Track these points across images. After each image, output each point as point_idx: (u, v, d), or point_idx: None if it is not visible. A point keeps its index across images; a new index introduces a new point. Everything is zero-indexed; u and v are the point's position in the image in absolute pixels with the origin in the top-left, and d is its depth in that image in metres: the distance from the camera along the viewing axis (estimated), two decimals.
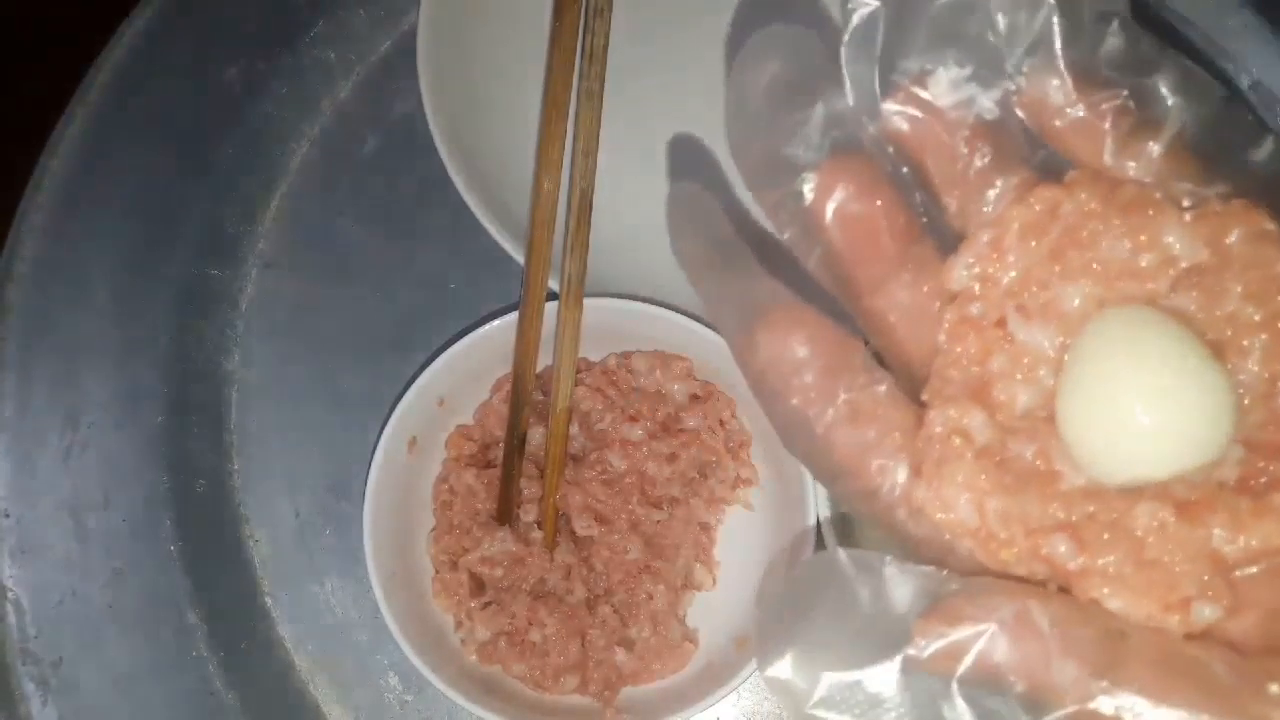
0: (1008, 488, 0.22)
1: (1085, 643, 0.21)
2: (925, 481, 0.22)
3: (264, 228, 0.46)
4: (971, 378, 0.23)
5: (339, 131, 0.47)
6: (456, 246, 0.45)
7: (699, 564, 0.41)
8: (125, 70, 0.46)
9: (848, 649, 0.21)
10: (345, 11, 0.48)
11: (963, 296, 0.23)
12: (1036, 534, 0.22)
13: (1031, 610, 0.21)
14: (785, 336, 0.23)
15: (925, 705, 0.21)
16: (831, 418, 0.23)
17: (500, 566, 0.40)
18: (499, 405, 0.42)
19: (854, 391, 0.23)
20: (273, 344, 0.45)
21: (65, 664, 0.42)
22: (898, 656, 0.21)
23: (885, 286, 0.23)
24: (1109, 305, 0.23)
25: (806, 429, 0.23)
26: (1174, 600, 0.21)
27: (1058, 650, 0.20)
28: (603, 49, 0.41)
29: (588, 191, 0.41)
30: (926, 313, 0.24)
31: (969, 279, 0.23)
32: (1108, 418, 0.22)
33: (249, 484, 0.44)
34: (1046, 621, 0.21)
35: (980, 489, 0.22)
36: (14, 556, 0.42)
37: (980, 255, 0.23)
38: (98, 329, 0.44)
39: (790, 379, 0.23)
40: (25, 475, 0.43)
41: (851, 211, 0.23)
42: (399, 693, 0.43)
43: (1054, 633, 0.21)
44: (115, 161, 0.46)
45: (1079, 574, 0.22)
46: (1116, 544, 0.22)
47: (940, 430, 0.23)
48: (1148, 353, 0.22)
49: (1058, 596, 0.22)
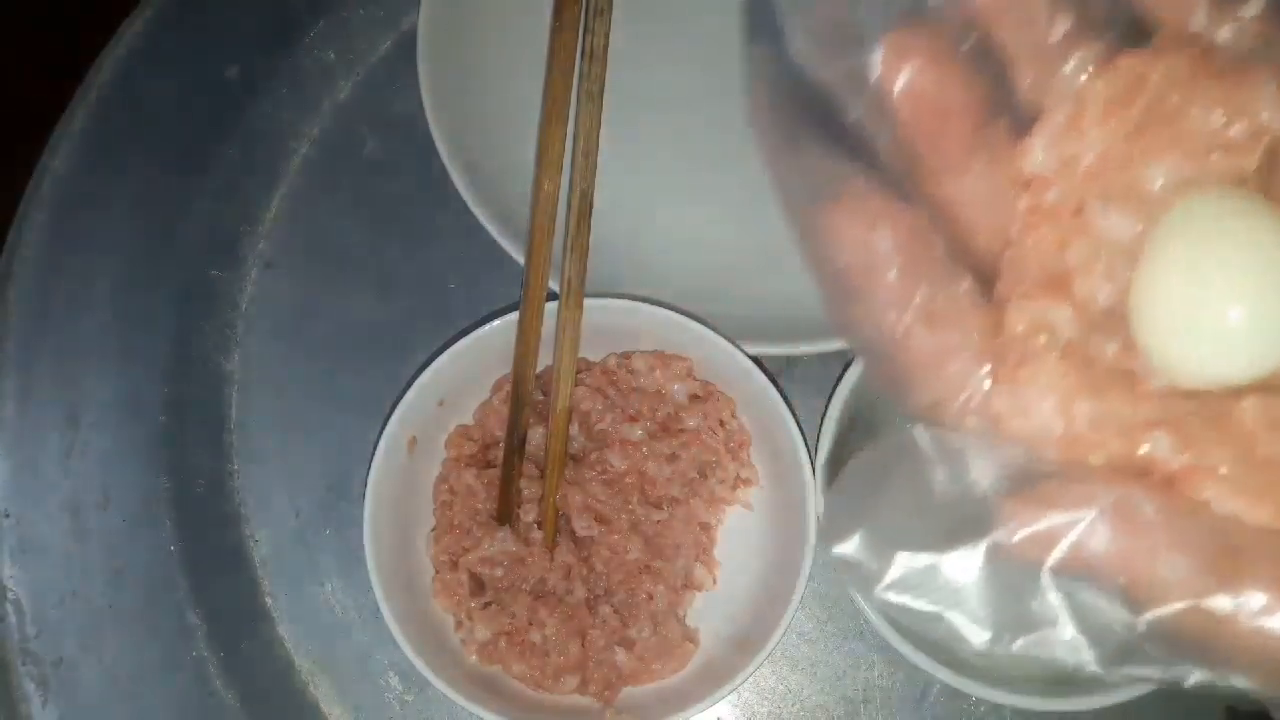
0: (1097, 387, 0.20)
1: (1197, 535, 0.19)
2: (1004, 385, 0.20)
3: (264, 228, 0.46)
4: (1048, 271, 0.21)
5: (339, 131, 0.47)
6: (456, 246, 0.45)
7: (699, 564, 0.41)
8: (125, 70, 0.46)
9: (925, 530, 0.19)
10: (345, 11, 0.48)
11: (1038, 183, 0.21)
12: (1134, 431, 0.20)
13: (1136, 498, 0.19)
14: (868, 228, 0.20)
15: (1010, 596, 0.19)
16: (910, 319, 0.20)
17: (500, 566, 0.40)
18: (499, 405, 0.42)
19: (935, 290, 0.20)
20: (273, 344, 0.45)
21: (65, 664, 0.42)
22: (981, 541, 0.19)
23: (957, 171, 0.21)
24: (1196, 186, 0.20)
25: (878, 329, 0.21)
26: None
27: (1165, 542, 0.18)
28: (603, 49, 0.41)
29: (588, 192, 0.41)
30: (1001, 201, 0.21)
31: (1045, 162, 0.21)
32: (1192, 314, 0.19)
33: (249, 484, 0.44)
34: (1153, 510, 0.19)
35: (1067, 390, 0.20)
36: (14, 556, 0.42)
37: (1057, 135, 0.21)
38: (98, 329, 0.44)
39: (871, 274, 0.20)
40: (25, 475, 0.43)
41: (921, 88, 0.20)
42: (399, 693, 0.43)
43: (1161, 523, 0.18)
44: (115, 161, 0.46)
45: (1185, 474, 0.19)
46: (1225, 442, 0.19)
47: (1022, 329, 0.20)
48: (1236, 240, 0.19)
49: (1164, 488, 0.19)
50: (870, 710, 0.42)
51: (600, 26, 0.41)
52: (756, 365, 0.39)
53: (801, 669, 0.43)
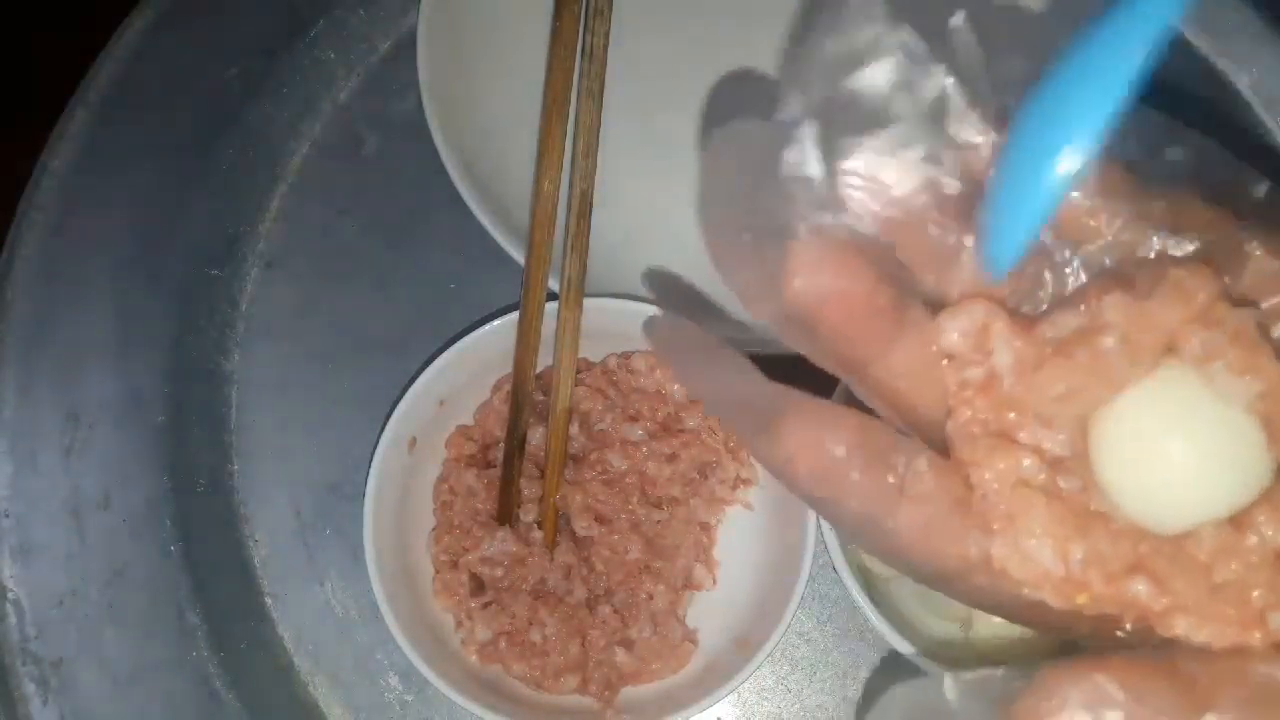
0: (1081, 527, 0.22)
1: (1164, 696, 0.21)
2: (1001, 539, 0.22)
3: (264, 228, 0.46)
4: (993, 430, 0.23)
5: (339, 131, 0.47)
6: (456, 246, 0.45)
7: (699, 564, 0.41)
8: (125, 70, 0.46)
9: None
10: (345, 11, 0.48)
11: (958, 359, 0.23)
12: (1116, 578, 0.22)
13: (1103, 685, 0.21)
14: (818, 441, 0.22)
15: None
16: (894, 508, 0.22)
17: (500, 566, 0.40)
18: (499, 405, 0.42)
19: (901, 475, 0.22)
20: (273, 344, 0.45)
21: (65, 664, 0.42)
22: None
23: (885, 357, 0.23)
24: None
25: (873, 526, 0.22)
26: (1249, 616, 0.21)
27: (1141, 716, 0.20)
28: (603, 49, 0.41)
29: (588, 191, 0.41)
30: (933, 372, 0.23)
31: (959, 341, 0.23)
32: (1155, 472, 0.22)
33: (249, 484, 0.44)
34: (1119, 692, 0.20)
35: (1061, 534, 0.22)
36: (14, 556, 0.42)
37: (965, 329, 0.23)
38: (98, 329, 0.44)
39: (838, 482, 0.22)
40: (25, 475, 0.43)
41: (836, 292, 0.22)
42: (399, 693, 0.43)
43: (1130, 698, 0.20)
44: (115, 161, 0.46)
45: (1162, 613, 0.22)
46: (1186, 575, 0.22)
47: (996, 485, 0.22)
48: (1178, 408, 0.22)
49: (1119, 661, 0.21)
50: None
51: (600, 26, 0.41)
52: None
53: (801, 669, 0.43)
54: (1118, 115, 0.19)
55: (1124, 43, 0.19)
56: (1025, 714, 0.21)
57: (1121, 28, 0.20)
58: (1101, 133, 0.20)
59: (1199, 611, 0.22)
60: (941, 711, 0.22)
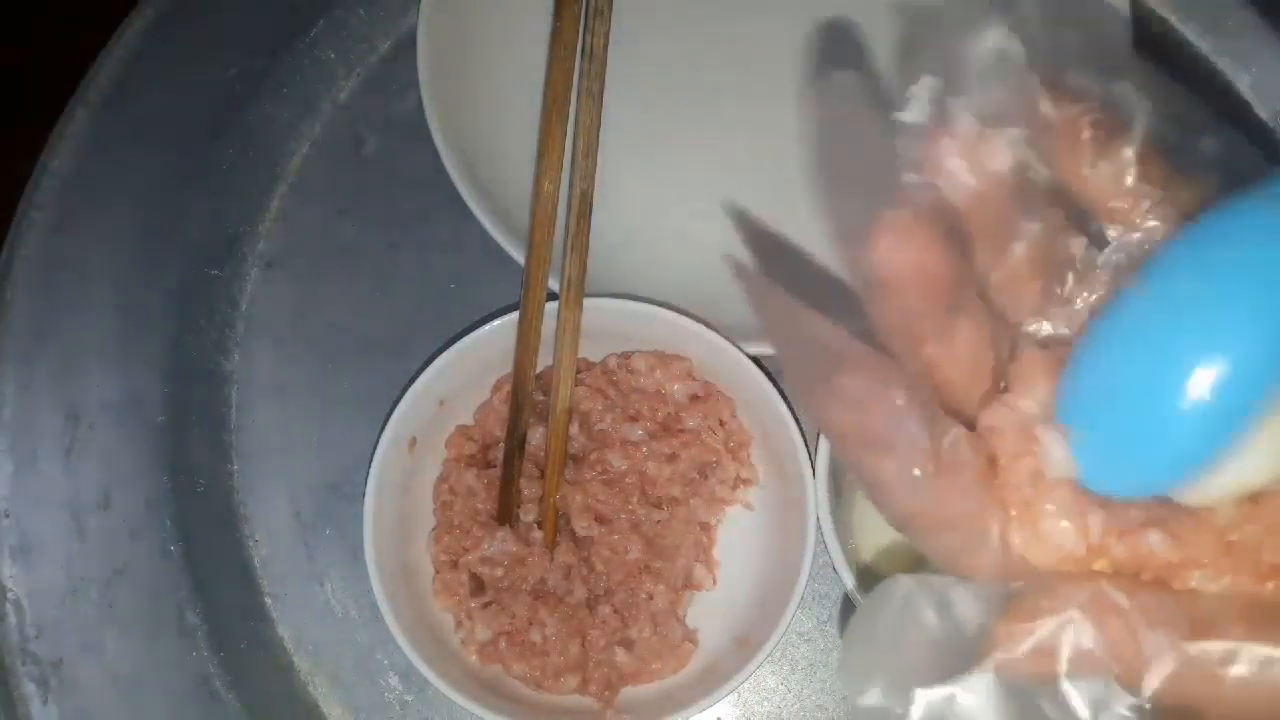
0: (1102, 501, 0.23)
1: (1169, 611, 0.21)
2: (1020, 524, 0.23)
3: (264, 228, 0.46)
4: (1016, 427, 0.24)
5: (339, 131, 0.47)
6: (456, 246, 0.45)
7: (699, 564, 0.41)
8: (125, 70, 0.46)
9: (935, 667, 0.22)
10: (345, 11, 0.48)
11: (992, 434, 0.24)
12: (1131, 534, 0.22)
13: (1107, 591, 0.21)
14: (882, 391, 0.22)
15: (1026, 707, 0.21)
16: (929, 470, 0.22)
17: (500, 566, 0.40)
18: (499, 405, 0.42)
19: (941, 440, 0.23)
20: (273, 344, 0.45)
21: (65, 664, 0.42)
22: (988, 663, 0.21)
23: (942, 336, 0.23)
24: None
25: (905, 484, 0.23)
26: (1264, 568, 0.22)
27: (1143, 622, 0.21)
28: (603, 49, 0.41)
29: (588, 192, 0.41)
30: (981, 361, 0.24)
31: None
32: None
33: (249, 484, 0.44)
34: (1124, 598, 0.21)
35: (1079, 510, 0.22)
36: (14, 556, 0.42)
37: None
38: (98, 329, 0.44)
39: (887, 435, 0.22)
40: (25, 475, 0.43)
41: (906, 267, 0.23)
42: (399, 693, 0.43)
43: (1135, 606, 0.21)
44: (115, 161, 0.46)
45: (1177, 565, 0.22)
46: (1201, 532, 0.22)
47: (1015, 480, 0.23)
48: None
49: (1126, 577, 0.22)
50: None
51: (600, 26, 0.41)
52: (756, 365, 0.39)
53: (801, 669, 0.43)
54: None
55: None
56: (1024, 611, 0.21)
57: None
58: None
59: (1214, 564, 0.22)
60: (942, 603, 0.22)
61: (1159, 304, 0.22)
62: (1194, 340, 0.21)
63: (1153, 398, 0.21)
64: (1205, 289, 0.21)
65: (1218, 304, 0.21)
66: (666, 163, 0.45)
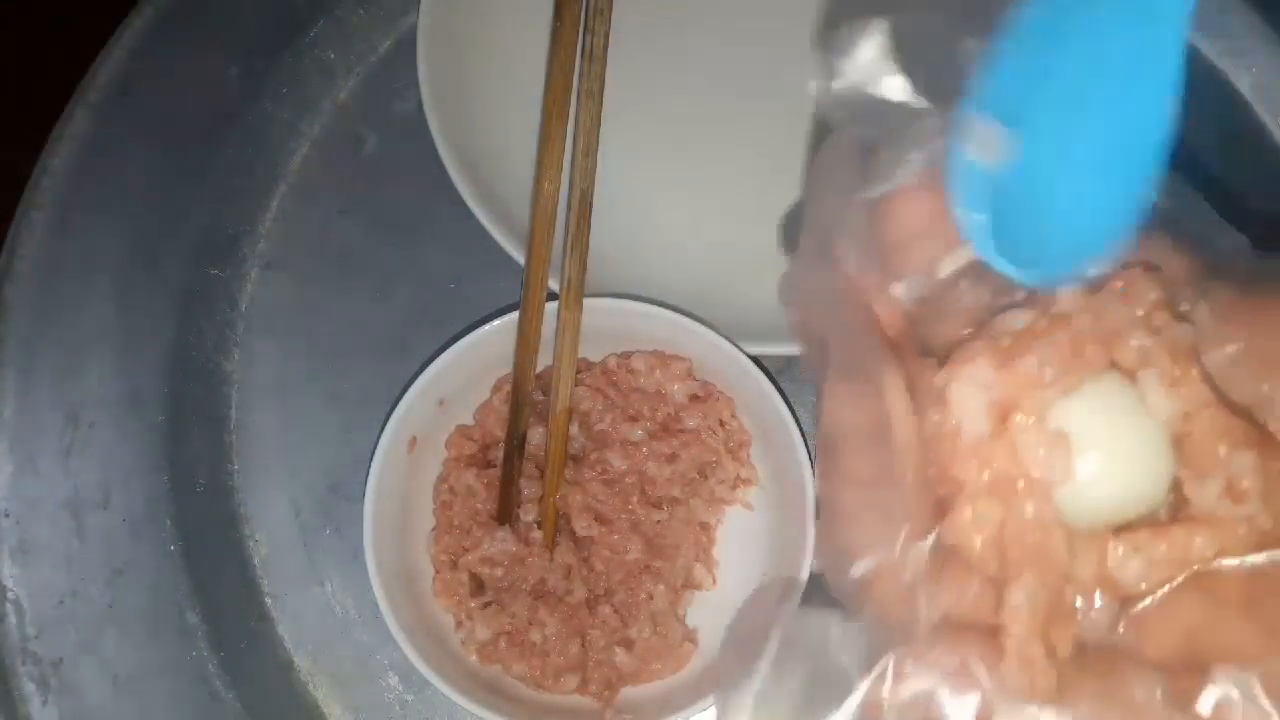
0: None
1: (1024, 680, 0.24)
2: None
3: (264, 228, 0.46)
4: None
5: (339, 131, 0.47)
6: (456, 246, 0.45)
7: (699, 564, 0.41)
8: (125, 70, 0.46)
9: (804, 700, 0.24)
10: (345, 11, 0.48)
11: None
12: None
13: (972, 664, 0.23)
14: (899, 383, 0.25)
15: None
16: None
17: (500, 566, 0.40)
18: (499, 405, 0.42)
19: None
20: (273, 344, 0.45)
21: (65, 664, 0.42)
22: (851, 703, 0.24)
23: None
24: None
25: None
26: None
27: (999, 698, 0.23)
28: (603, 49, 0.41)
29: (588, 192, 0.41)
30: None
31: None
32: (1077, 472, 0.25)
33: (249, 484, 0.44)
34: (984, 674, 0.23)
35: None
36: (14, 556, 0.42)
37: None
38: (98, 328, 0.44)
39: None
40: (25, 475, 0.43)
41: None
42: (399, 693, 0.43)
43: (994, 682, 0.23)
44: (115, 161, 0.46)
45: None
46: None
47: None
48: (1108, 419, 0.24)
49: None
50: None
51: (600, 26, 0.41)
52: (756, 365, 0.39)
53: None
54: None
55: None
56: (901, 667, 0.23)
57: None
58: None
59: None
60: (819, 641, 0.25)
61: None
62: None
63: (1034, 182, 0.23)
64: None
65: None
66: (667, 162, 0.45)
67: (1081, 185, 0.23)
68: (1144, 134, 0.23)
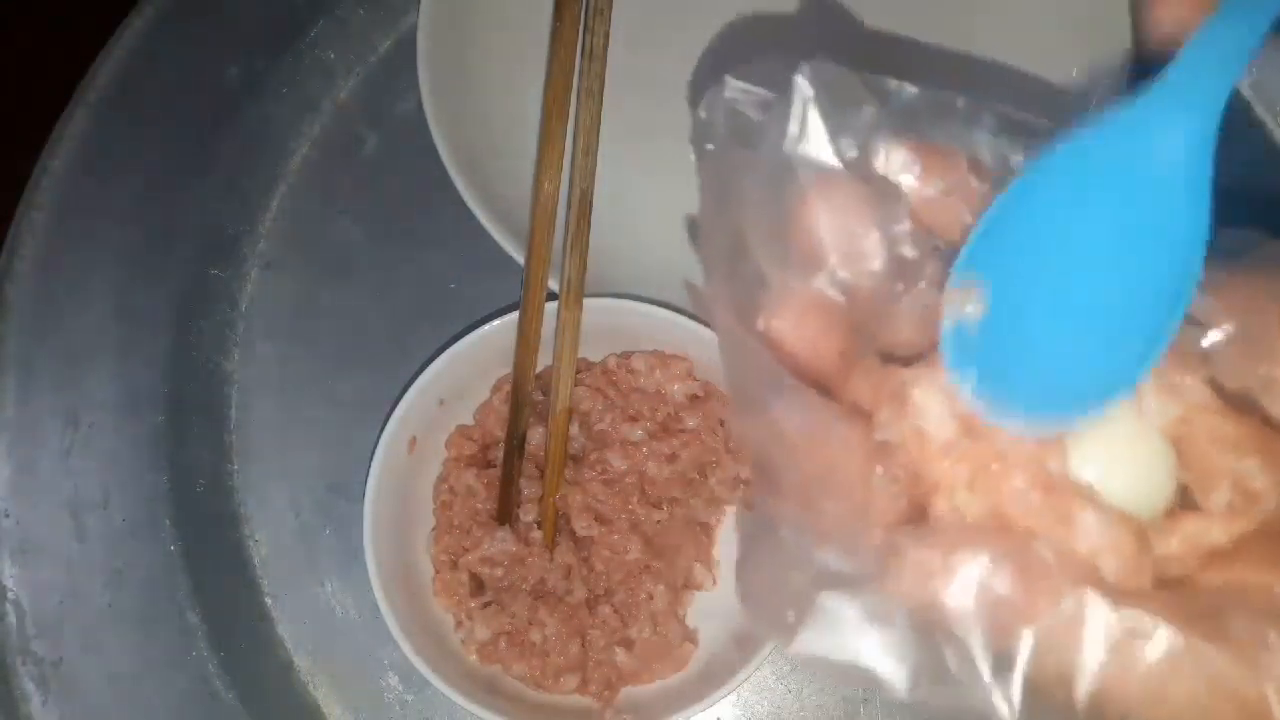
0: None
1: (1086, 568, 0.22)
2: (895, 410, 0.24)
3: (264, 228, 0.46)
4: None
5: (339, 131, 0.47)
6: (457, 246, 0.45)
7: (699, 564, 0.41)
8: (125, 70, 0.46)
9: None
10: (345, 11, 0.48)
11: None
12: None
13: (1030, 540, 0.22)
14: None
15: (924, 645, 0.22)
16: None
17: (500, 566, 0.40)
18: (499, 405, 0.42)
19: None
20: (273, 344, 0.45)
21: (65, 664, 0.42)
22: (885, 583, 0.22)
23: (842, 386, 0.25)
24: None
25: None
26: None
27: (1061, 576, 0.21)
28: (603, 49, 0.41)
29: (588, 191, 0.41)
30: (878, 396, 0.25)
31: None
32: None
33: (249, 484, 0.44)
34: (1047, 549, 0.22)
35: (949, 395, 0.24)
36: (14, 556, 0.42)
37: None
38: (98, 329, 0.44)
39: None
40: (25, 475, 0.43)
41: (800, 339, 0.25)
42: (399, 693, 0.43)
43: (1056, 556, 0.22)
44: (115, 161, 0.46)
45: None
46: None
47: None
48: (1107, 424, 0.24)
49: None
50: (870, 710, 0.42)
51: (600, 26, 0.41)
52: None
53: (801, 669, 0.43)
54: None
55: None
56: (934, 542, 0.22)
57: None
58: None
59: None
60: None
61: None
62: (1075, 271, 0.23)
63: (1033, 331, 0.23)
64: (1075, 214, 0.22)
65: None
66: (666, 163, 0.45)
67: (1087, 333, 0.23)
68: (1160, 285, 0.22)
